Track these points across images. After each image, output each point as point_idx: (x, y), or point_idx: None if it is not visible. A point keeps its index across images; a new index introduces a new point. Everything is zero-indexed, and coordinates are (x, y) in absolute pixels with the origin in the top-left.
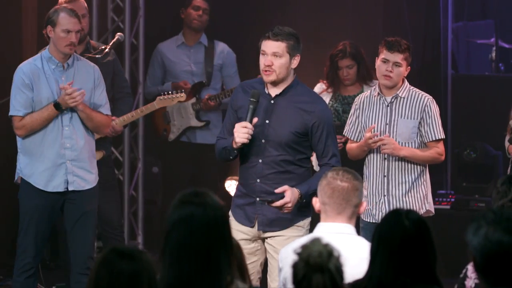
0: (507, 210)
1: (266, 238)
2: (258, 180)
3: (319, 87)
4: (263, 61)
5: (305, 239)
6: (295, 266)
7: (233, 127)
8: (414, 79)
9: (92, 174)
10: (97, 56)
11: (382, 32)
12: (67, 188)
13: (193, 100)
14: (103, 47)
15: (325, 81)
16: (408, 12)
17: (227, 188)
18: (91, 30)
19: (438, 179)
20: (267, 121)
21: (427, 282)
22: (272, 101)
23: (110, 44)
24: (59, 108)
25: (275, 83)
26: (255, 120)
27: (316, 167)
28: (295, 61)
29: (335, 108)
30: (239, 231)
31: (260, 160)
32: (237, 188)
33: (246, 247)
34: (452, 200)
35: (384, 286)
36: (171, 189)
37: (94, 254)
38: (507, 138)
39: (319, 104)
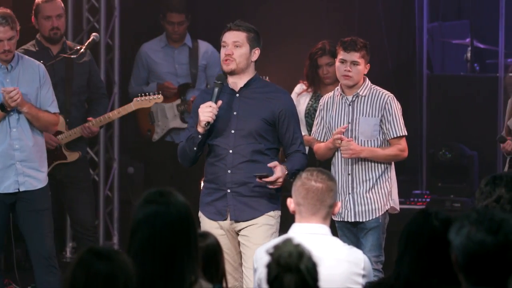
0: (491, 210)
1: (239, 230)
2: (229, 171)
3: (299, 88)
4: (223, 51)
5: (279, 239)
6: (268, 267)
7: None
8: (390, 79)
9: (43, 173)
10: (72, 56)
11: (357, 32)
12: (18, 189)
13: (178, 101)
14: (78, 47)
15: (305, 82)
16: (383, 13)
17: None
18: (67, 30)
19: (413, 179)
20: (235, 113)
21: (453, 283)
22: (237, 94)
23: (85, 44)
24: (4, 109)
25: (233, 73)
26: (220, 102)
27: None
28: (255, 54)
29: (314, 108)
30: (212, 228)
31: (231, 151)
32: (204, 187)
33: (222, 242)
34: (428, 200)
35: (412, 285)
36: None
37: (55, 253)
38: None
39: (283, 94)
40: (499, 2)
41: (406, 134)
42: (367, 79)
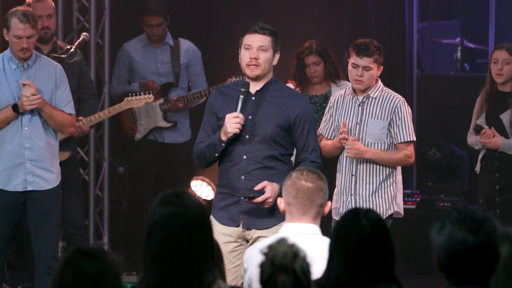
0: (472, 209)
1: (250, 238)
2: (242, 177)
3: None
4: (248, 55)
5: (271, 239)
6: (261, 266)
7: (214, 129)
8: (380, 79)
9: (54, 174)
10: (63, 56)
11: (347, 32)
12: (26, 188)
13: (161, 100)
14: (68, 47)
15: (293, 81)
16: (373, 12)
17: (192, 188)
18: (57, 30)
19: (403, 178)
20: (250, 117)
21: (385, 280)
22: (253, 97)
23: (76, 44)
24: (17, 110)
25: (257, 79)
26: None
27: None
28: (276, 58)
29: None
30: (222, 234)
31: (245, 157)
32: (217, 191)
33: (230, 250)
34: (418, 200)
35: (342, 284)
36: (137, 189)
37: (58, 254)
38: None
39: (300, 98)
40: (489, 2)
41: (415, 139)
42: (380, 80)
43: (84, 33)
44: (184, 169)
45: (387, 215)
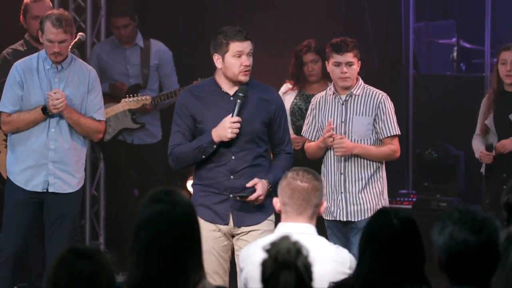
0: (473, 209)
1: (238, 234)
2: (231, 177)
3: (284, 87)
4: (240, 62)
5: (268, 239)
6: (263, 264)
7: (192, 132)
8: (376, 79)
9: (76, 179)
10: None
11: (343, 32)
12: (47, 189)
13: None
14: None
15: (291, 81)
16: (369, 12)
17: (189, 188)
18: None
19: (399, 178)
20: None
21: (415, 281)
22: (232, 98)
23: (72, 43)
24: (46, 112)
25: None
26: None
27: None
28: None
29: (299, 107)
30: (212, 230)
31: (233, 157)
32: (198, 189)
33: (222, 245)
34: (414, 200)
35: (372, 285)
36: (116, 189)
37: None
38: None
39: (274, 92)
40: (485, 1)
41: (400, 133)
42: (360, 78)
43: (80, 33)
44: (160, 170)
45: (375, 211)
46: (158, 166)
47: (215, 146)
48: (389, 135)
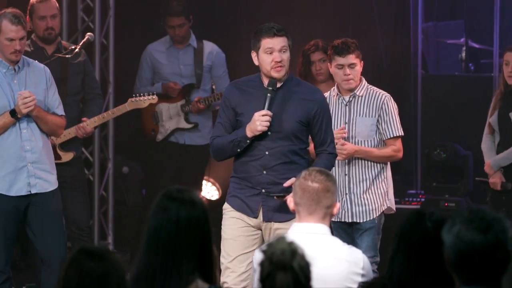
0: (483, 209)
1: (266, 230)
2: (264, 172)
3: None
4: (271, 58)
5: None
6: (261, 265)
7: (232, 124)
8: (384, 79)
9: (53, 175)
10: (67, 56)
11: (351, 32)
12: (30, 191)
13: (183, 101)
14: (73, 47)
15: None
16: (377, 12)
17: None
18: (61, 30)
19: (408, 179)
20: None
21: (446, 284)
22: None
23: (80, 44)
24: (15, 115)
25: (281, 79)
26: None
27: None
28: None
29: None
30: (239, 219)
31: (267, 152)
32: (235, 181)
33: (248, 234)
34: (422, 200)
35: (405, 285)
36: (154, 190)
37: (66, 256)
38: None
39: (318, 93)
40: (494, 2)
41: (403, 134)
42: (363, 79)
43: (88, 33)
44: (201, 170)
45: (380, 211)
46: (198, 168)
47: (248, 140)
48: (391, 136)
